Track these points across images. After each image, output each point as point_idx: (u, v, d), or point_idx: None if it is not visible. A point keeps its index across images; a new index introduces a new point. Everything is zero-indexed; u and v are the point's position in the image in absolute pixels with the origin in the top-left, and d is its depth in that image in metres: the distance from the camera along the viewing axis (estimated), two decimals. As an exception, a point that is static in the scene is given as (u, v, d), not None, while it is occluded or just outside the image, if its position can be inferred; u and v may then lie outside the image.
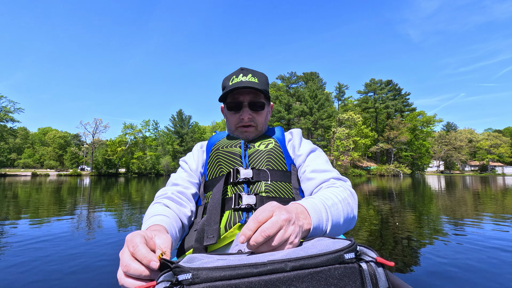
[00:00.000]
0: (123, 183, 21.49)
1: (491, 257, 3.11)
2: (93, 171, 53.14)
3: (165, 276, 0.47)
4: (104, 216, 6.02)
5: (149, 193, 12.12)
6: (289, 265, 0.45)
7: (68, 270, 2.74)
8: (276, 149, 1.03)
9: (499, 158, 74.12)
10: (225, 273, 0.43)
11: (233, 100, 1.07)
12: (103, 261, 2.98)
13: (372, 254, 0.51)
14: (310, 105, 55.43)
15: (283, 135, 1.12)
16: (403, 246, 3.55)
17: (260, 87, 1.04)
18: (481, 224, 4.94)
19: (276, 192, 0.94)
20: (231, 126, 1.11)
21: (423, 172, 64.49)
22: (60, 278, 2.56)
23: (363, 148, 61.26)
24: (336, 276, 0.46)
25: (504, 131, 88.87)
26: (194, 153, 1.16)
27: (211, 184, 1.01)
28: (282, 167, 1.00)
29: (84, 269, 2.76)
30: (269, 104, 1.16)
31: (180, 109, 65.07)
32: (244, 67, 1.10)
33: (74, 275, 2.63)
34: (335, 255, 0.47)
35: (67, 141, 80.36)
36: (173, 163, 56.68)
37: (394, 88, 65.13)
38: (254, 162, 0.99)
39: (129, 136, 57.10)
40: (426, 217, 5.82)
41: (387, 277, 0.49)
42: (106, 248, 3.47)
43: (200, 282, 0.42)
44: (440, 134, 72.44)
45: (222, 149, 1.04)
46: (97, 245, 3.64)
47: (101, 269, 2.76)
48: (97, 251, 3.34)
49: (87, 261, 2.98)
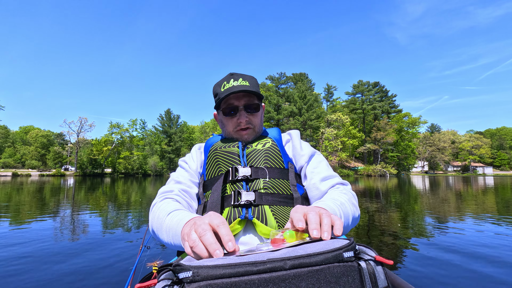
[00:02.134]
0: (109, 184, 21.00)
1: (487, 255, 3.16)
2: (78, 171, 51.76)
3: (166, 274, 0.47)
4: (88, 217, 5.84)
5: (136, 194, 11.88)
6: (289, 263, 0.45)
7: (47, 274, 2.62)
8: (273, 148, 1.05)
9: (480, 159, 76.78)
10: (225, 271, 0.43)
11: (228, 106, 1.09)
12: (84, 264, 2.87)
13: (371, 252, 0.52)
14: (299, 106, 55.78)
15: (280, 135, 1.15)
16: (396, 244, 3.59)
17: (252, 89, 1.07)
18: (466, 222, 5.07)
19: (274, 188, 0.96)
20: (228, 130, 1.13)
21: (409, 172, 66.02)
22: (38, 281, 2.44)
23: (351, 148, 62.19)
24: (335, 274, 0.46)
25: (485, 132, 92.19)
26: (192, 154, 1.18)
27: (210, 184, 1.03)
28: (279, 165, 1.02)
29: (66, 273, 2.64)
30: (262, 104, 1.18)
31: (169, 108, 64.23)
32: (234, 72, 1.13)
33: (54, 278, 2.51)
34: (334, 253, 0.47)
35: (50, 140, 77.76)
36: (161, 163, 55.89)
37: (381, 90, 66.43)
38: (252, 161, 1.01)
39: (116, 135, 55.90)
40: (417, 215, 5.93)
41: (386, 276, 0.50)
42: (89, 251, 3.35)
43: (201, 280, 0.43)
44: (425, 135, 74.35)
45: (220, 149, 1.06)
46: (80, 247, 3.51)
47: (81, 272, 2.65)
48: (79, 254, 3.22)
49: (68, 264, 2.86)
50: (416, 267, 2.78)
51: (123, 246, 3.59)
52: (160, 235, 0.84)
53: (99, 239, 3.97)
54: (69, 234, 4.28)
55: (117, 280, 2.53)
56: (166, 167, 56.83)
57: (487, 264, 2.88)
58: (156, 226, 0.87)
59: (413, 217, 5.86)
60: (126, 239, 3.97)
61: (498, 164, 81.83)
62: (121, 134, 56.21)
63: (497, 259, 3.05)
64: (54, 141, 77.07)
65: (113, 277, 2.60)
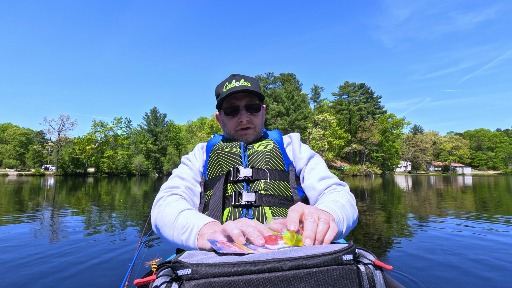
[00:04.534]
0: (92, 183, 20.37)
1: (488, 255, 3.13)
2: (59, 171, 49.97)
3: (165, 271, 0.47)
4: (70, 219, 5.62)
5: (120, 194, 11.57)
6: (288, 264, 0.45)
7: (22, 279, 2.48)
8: (274, 150, 1.07)
9: (460, 159, 79.69)
10: (224, 269, 0.43)
11: (230, 105, 1.11)
12: (63, 268, 2.74)
13: (371, 256, 0.52)
14: (287, 106, 56.08)
15: (281, 138, 1.17)
16: (383, 242, 3.63)
17: (253, 90, 1.09)
18: (446, 221, 5.21)
19: (274, 190, 0.97)
20: (230, 130, 1.14)
21: (392, 172, 67.69)
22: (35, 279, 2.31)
23: (337, 148, 63.13)
24: (334, 277, 0.46)
25: (464, 134, 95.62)
26: (195, 153, 1.19)
27: (211, 183, 1.04)
28: (280, 167, 1.04)
29: (40, 276, 2.51)
30: (263, 105, 1.20)
31: (155, 107, 62.97)
32: (236, 73, 1.15)
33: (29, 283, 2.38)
34: (333, 256, 0.47)
35: (29, 138, 74.75)
36: (147, 162, 54.75)
37: (366, 91, 67.76)
38: (253, 162, 1.03)
39: (99, 134, 54.47)
40: (402, 215, 6.04)
41: (385, 280, 0.49)
42: (68, 255, 3.21)
43: (199, 277, 0.43)
44: (408, 136, 76.42)
45: (222, 149, 1.07)
46: (61, 250, 3.35)
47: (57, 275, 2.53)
48: (57, 257, 3.07)
49: (45, 268, 2.72)
50: (413, 270, 2.74)
51: (116, 247, 3.46)
52: (168, 230, 0.81)
53: (83, 240, 3.81)
54: (51, 236, 4.09)
55: (115, 278, 2.48)
56: (151, 167, 55.63)
57: (488, 266, 2.84)
58: (163, 221, 0.84)
59: (396, 217, 5.97)
60: (120, 238, 3.83)
61: (476, 164, 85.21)
62: (105, 132, 54.80)
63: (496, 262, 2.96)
64: (33, 140, 74.20)
65: (109, 274, 2.55)
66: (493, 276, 2.57)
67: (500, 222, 5.15)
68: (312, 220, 0.59)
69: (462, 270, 2.72)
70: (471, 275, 2.61)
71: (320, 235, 0.57)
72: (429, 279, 2.53)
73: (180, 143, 62.39)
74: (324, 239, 0.58)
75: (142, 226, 4.76)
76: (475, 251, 3.31)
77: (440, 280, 2.52)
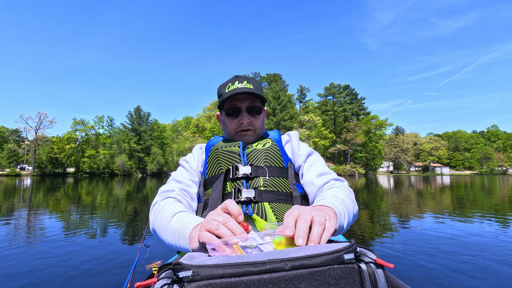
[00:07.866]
0: (71, 184, 19.63)
1: (489, 255, 3.13)
2: (36, 171, 47.99)
3: (166, 273, 0.47)
4: (47, 220, 5.34)
5: (102, 195, 11.18)
6: (289, 264, 0.45)
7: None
8: (273, 148, 1.08)
9: (439, 159, 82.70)
10: (225, 271, 0.43)
11: (232, 106, 1.12)
12: (40, 272, 2.57)
13: (372, 255, 0.52)
14: (273, 106, 56.28)
15: (279, 136, 1.19)
16: (381, 242, 3.65)
17: (256, 92, 1.10)
18: (440, 219, 5.33)
19: (274, 186, 0.99)
20: (230, 131, 1.16)
21: (375, 172, 69.40)
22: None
23: (322, 149, 63.95)
24: (335, 276, 0.46)
25: (442, 135, 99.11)
26: (194, 153, 1.20)
27: (210, 182, 1.05)
28: (279, 164, 1.05)
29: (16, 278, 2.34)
30: (264, 108, 1.21)
31: (138, 105, 61.36)
32: (239, 75, 1.16)
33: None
34: (334, 255, 0.47)
35: (4, 137, 71.10)
36: (130, 162, 53.32)
37: (351, 93, 69.09)
38: (252, 160, 1.04)
39: (80, 132, 52.69)
40: (384, 214, 6.13)
41: (386, 279, 0.50)
42: (48, 258, 3.03)
43: (201, 279, 0.43)
44: (390, 137, 78.51)
45: (221, 149, 1.09)
46: (38, 253, 3.16)
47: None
48: (32, 260, 2.89)
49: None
50: (414, 268, 2.72)
51: (116, 250, 3.30)
52: (164, 235, 0.84)
53: (82, 243, 3.61)
54: (27, 237, 3.85)
55: (116, 281, 2.44)
56: (135, 167, 54.19)
57: (488, 265, 2.83)
58: (159, 226, 0.87)
59: (379, 216, 6.07)
60: (120, 241, 3.66)
61: (454, 164, 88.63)
62: (86, 131, 53.00)
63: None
64: (8, 138, 70.69)
65: (111, 277, 2.51)
66: (492, 276, 2.58)
67: (510, 221, 5.32)
68: (303, 221, 0.59)
69: (462, 268, 2.71)
70: (471, 273, 2.60)
71: (315, 237, 0.57)
72: (431, 275, 2.53)
73: (165, 142, 61.11)
74: (320, 241, 0.57)
75: (142, 229, 4.63)
76: (475, 250, 3.33)
77: (441, 277, 2.52)
